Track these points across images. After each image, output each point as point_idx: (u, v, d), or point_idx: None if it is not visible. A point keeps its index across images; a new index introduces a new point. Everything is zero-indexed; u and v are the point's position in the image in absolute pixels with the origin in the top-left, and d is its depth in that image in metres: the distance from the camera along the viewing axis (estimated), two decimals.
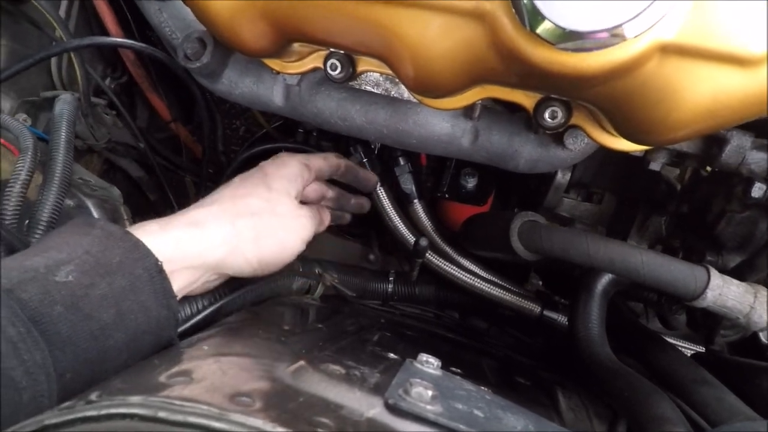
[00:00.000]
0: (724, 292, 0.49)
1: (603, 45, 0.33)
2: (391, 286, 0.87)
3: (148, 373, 0.27)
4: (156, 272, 0.41)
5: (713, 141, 0.55)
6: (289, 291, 0.64)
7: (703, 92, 0.35)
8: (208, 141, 0.91)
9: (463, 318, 0.95)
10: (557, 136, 0.61)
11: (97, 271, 0.37)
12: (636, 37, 0.32)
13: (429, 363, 0.39)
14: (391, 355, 0.47)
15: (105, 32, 0.82)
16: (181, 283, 0.47)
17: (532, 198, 0.90)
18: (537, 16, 0.32)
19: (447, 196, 0.90)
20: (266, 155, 0.99)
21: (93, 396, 0.25)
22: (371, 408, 0.27)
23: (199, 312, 0.51)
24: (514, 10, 0.34)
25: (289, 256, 0.56)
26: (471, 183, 0.90)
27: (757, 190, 0.52)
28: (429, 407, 0.28)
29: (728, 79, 0.34)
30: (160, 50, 0.74)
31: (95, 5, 0.80)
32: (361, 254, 0.96)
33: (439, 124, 0.65)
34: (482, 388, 0.48)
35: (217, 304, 0.51)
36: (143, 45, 0.73)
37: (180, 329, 0.49)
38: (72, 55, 0.75)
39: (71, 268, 0.36)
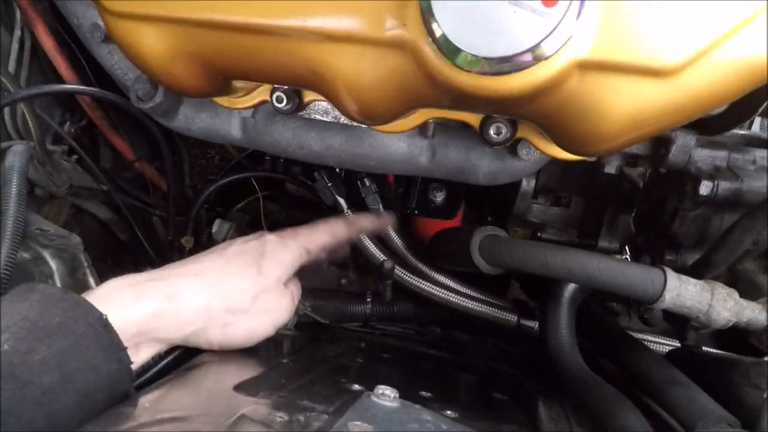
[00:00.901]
0: (682, 293, 0.49)
1: (520, 68, 0.33)
2: (369, 307, 0.86)
3: None
4: (101, 327, 0.40)
5: (661, 142, 0.55)
6: None
7: (626, 104, 0.35)
8: (171, 178, 0.90)
9: (445, 332, 0.94)
10: (511, 148, 0.61)
11: (35, 336, 0.37)
12: (551, 57, 0.33)
13: (385, 396, 0.38)
14: (356, 386, 0.46)
15: (60, 78, 0.81)
16: (145, 354, 0.47)
17: (503, 207, 0.90)
18: (452, 47, 0.32)
19: (416, 212, 0.90)
20: (235, 186, 0.99)
21: None
22: None
23: (162, 359, 0.51)
24: (431, 40, 0.34)
25: (255, 341, 0.55)
26: (439, 197, 0.90)
27: (705, 188, 0.53)
28: None
29: (648, 90, 0.34)
30: (115, 92, 0.74)
31: (47, 53, 0.79)
32: (338, 277, 0.96)
33: (395, 144, 0.65)
34: (448, 412, 0.48)
35: (178, 351, 0.51)
36: (95, 90, 0.73)
37: (144, 377, 0.48)
38: (23, 105, 0.74)
39: (6, 336, 0.35)
